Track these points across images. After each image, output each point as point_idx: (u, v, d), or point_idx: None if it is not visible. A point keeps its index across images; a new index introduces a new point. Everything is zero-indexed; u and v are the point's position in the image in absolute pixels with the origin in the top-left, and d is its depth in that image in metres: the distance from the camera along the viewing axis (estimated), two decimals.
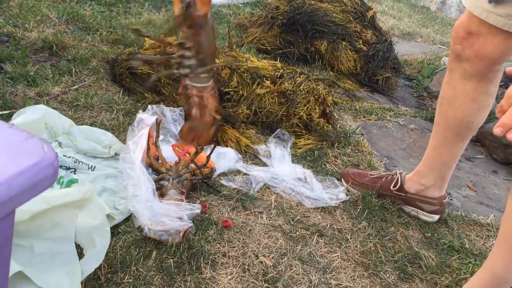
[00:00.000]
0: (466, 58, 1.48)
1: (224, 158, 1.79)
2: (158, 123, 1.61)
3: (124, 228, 1.36)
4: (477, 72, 1.49)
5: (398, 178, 1.81)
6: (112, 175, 1.53)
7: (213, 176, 1.68)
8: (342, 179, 1.88)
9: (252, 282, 1.31)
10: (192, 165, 1.58)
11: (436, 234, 1.73)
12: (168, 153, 1.68)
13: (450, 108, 1.59)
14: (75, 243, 1.18)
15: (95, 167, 1.52)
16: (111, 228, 1.26)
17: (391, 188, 1.80)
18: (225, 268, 1.34)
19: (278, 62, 2.49)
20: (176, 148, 1.70)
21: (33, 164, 0.51)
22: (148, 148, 1.55)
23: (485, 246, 1.74)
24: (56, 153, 0.55)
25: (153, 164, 1.56)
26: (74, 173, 1.45)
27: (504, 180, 2.31)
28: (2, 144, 0.53)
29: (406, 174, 1.82)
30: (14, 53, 2.08)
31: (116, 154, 1.63)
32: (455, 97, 1.56)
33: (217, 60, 2.25)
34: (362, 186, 1.84)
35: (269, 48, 2.99)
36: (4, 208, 0.48)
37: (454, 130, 1.61)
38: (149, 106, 1.77)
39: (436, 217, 1.78)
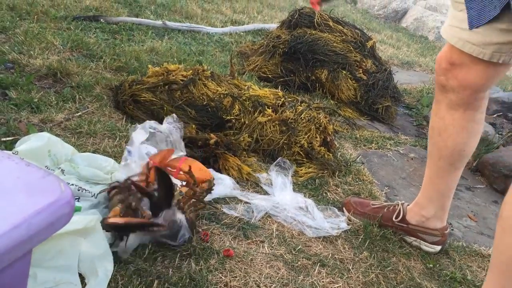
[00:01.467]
0: (450, 88, 1.52)
1: (220, 184, 1.79)
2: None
3: (126, 257, 1.35)
4: (462, 101, 1.52)
5: (400, 209, 1.81)
6: None
7: (210, 199, 1.67)
8: (344, 208, 1.88)
9: None
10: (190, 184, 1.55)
11: (438, 265, 1.72)
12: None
13: (441, 138, 1.61)
14: (78, 272, 1.18)
15: (97, 194, 1.53)
16: (113, 257, 1.26)
17: (393, 219, 1.80)
18: None
19: (279, 91, 2.52)
20: (169, 168, 1.66)
21: (51, 202, 0.52)
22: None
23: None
24: (72, 191, 0.56)
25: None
26: (78, 201, 1.45)
27: None
28: (20, 182, 0.54)
29: (408, 204, 1.83)
30: (18, 80, 2.11)
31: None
32: (445, 128, 1.59)
33: (219, 88, 2.27)
34: (364, 215, 1.84)
35: (270, 76, 3.02)
36: (23, 246, 0.49)
37: (448, 159, 1.63)
38: (146, 123, 1.76)
39: (438, 248, 1.78)
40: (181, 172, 1.63)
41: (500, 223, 1.16)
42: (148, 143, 1.74)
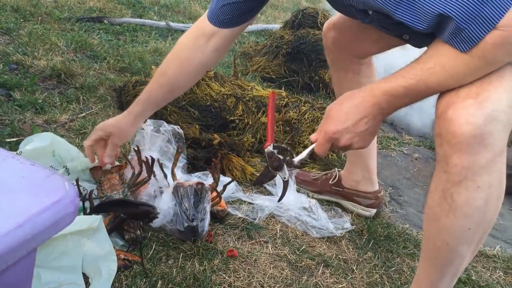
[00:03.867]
0: (329, 49, 1.67)
1: (222, 186, 1.79)
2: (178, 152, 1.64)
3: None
4: (340, 62, 1.67)
5: (336, 174, 1.90)
6: None
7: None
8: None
9: None
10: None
11: None
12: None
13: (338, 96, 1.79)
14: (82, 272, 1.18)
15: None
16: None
17: (330, 182, 1.88)
18: None
19: (283, 91, 2.52)
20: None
21: (55, 201, 0.52)
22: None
23: (492, 278, 1.73)
24: (76, 189, 0.56)
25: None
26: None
27: (509, 210, 2.31)
28: (25, 182, 0.54)
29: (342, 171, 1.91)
30: (22, 81, 2.11)
31: None
32: (333, 86, 1.80)
33: (222, 89, 2.28)
34: (305, 183, 1.94)
35: (273, 76, 3.02)
36: (28, 245, 0.49)
37: None
38: (148, 121, 1.76)
39: (373, 211, 1.85)
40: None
41: (426, 211, 1.19)
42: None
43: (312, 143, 1.21)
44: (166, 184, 1.58)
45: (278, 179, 1.91)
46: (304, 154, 1.23)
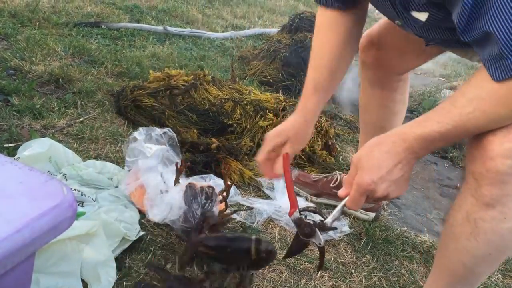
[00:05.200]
0: (368, 66, 1.64)
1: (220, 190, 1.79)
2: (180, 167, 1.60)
3: (129, 263, 1.35)
4: (379, 80, 1.65)
5: (337, 178, 1.90)
6: (116, 206, 1.53)
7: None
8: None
9: None
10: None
11: None
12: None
13: (364, 114, 1.76)
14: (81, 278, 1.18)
15: (99, 198, 1.53)
16: (116, 263, 1.26)
17: (331, 185, 1.88)
18: None
19: (280, 95, 2.52)
20: None
21: (53, 206, 0.52)
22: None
23: (490, 280, 1.73)
24: (74, 195, 0.56)
25: None
26: (82, 206, 1.45)
27: None
28: (23, 187, 0.54)
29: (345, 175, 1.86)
30: (20, 86, 2.11)
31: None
32: (367, 103, 1.75)
33: (220, 93, 2.28)
34: (306, 185, 1.94)
35: (271, 80, 3.03)
36: (26, 250, 0.49)
37: (371, 135, 1.66)
38: (140, 128, 1.75)
39: (372, 214, 1.86)
40: None
41: (446, 228, 1.16)
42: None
43: (341, 199, 1.11)
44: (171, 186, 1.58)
45: (277, 183, 1.91)
46: (336, 212, 1.13)
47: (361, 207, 1.45)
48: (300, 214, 1.15)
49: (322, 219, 1.14)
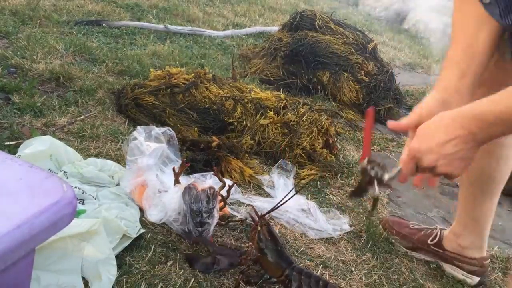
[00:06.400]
0: None
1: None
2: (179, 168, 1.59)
3: (130, 261, 1.36)
4: None
5: (437, 234, 1.73)
6: (116, 204, 1.53)
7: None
8: (381, 225, 1.83)
9: None
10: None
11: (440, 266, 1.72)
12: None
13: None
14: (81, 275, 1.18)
15: (99, 196, 1.54)
16: (117, 261, 1.26)
17: (428, 242, 1.72)
18: None
19: (281, 93, 2.52)
20: None
21: (53, 203, 0.52)
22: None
23: (490, 279, 1.73)
24: (74, 191, 0.57)
25: None
26: (83, 204, 1.45)
27: (508, 211, 2.31)
28: (23, 183, 0.55)
29: (445, 231, 1.75)
30: (21, 84, 2.12)
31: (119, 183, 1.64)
32: None
33: (221, 91, 2.28)
34: (399, 235, 1.78)
35: (272, 78, 3.03)
36: (26, 246, 0.49)
37: (478, 186, 1.56)
38: (138, 127, 1.75)
39: (476, 279, 1.67)
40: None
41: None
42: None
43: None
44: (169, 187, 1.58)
45: (276, 181, 1.92)
46: (394, 173, 1.16)
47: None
48: (368, 164, 1.20)
49: (382, 175, 1.19)
